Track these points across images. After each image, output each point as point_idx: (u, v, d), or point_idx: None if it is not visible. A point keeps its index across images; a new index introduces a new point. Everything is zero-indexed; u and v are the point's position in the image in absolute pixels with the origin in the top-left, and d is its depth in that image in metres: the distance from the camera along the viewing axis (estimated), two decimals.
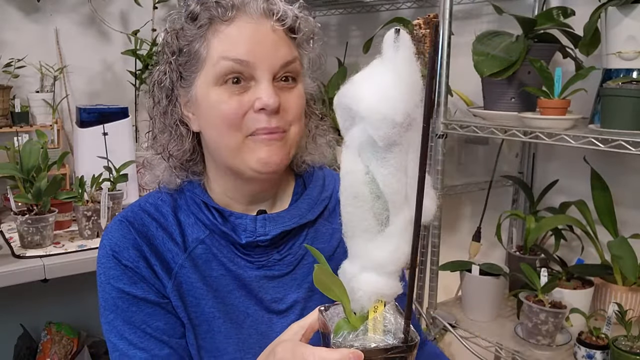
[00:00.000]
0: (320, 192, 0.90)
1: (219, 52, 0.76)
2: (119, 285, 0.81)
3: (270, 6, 0.78)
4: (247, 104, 0.76)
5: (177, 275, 0.82)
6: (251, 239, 0.82)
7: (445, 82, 1.50)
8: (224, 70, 0.76)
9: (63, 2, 2.28)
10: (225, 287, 0.83)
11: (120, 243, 0.82)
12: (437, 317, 1.57)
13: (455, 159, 1.94)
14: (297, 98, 0.80)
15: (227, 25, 0.76)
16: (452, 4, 1.46)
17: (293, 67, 0.79)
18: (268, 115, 0.76)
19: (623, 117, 1.20)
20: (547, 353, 1.33)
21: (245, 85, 0.76)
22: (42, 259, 1.62)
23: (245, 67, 0.75)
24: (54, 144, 2.16)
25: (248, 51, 0.75)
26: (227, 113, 0.76)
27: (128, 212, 0.86)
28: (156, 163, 0.86)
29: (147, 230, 0.83)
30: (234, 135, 0.77)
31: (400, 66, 0.54)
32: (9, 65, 2.09)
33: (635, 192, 1.51)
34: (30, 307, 2.11)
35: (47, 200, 1.69)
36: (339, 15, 2.43)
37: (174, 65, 0.80)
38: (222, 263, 0.83)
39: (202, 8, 0.77)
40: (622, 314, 1.24)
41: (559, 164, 1.70)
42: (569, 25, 1.45)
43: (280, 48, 0.77)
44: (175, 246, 0.83)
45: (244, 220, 0.82)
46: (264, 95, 0.75)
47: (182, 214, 0.86)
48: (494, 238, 1.70)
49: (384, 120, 0.52)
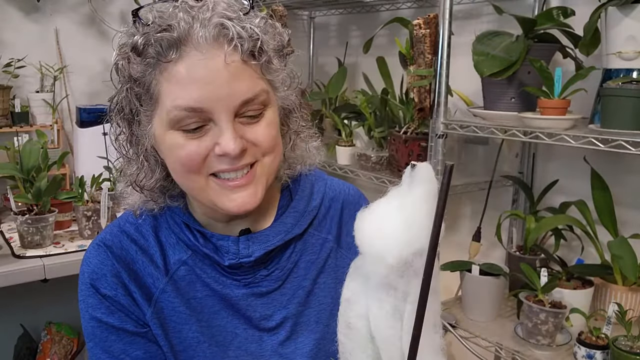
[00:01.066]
0: (308, 202, 0.85)
1: (170, 99, 0.68)
2: (97, 315, 0.78)
3: (223, 31, 0.66)
4: (206, 148, 0.69)
5: (157, 300, 0.79)
6: (234, 261, 0.78)
7: (445, 82, 1.50)
8: (177, 119, 0.68)
9: (63, 2, 2.28)
10: (210, 308, 0.80)
11: (98, 270, 0.79)
12: None
13: (455, 159, 1.94)
14: (267, 128, 0.72)
15: (174, 64, 0.67)
16: (452, 4, 1.46)
17: (258, 102, 0.70)
18: (231, 158, 0.69)
19: (623, 117, 1.20)
20: (547, 353, 1.33)
21: (204, 128, 0.69)
22: (42, 259, 1.62)
23: (199, 112, 0.67)
24: (54, 144, 2.16)
25: (200, 97, 0.66)
26: (185, 159, 0.70)
27: (107, 235, 0.82)
28: (129, 192, 0.81)
29: (126, 255, 0.80)
30: (195, 177, 0.71)
31: (408, 207, 0.50)
32: (9, 65, 2.09)
33: (635, 192, 1.51)
34: (30, 307, 2.11)
35: (47, 200, 1.69)
36: (339, 15, 2.43)
37: (131, 94, 0.72)
38: (207, 284, 0.80)
39: (144, 42, 0.67)
40: (622, 314, 1.24)
41: (559, 164, 1.69)
42: (569, 25, 1.45)
43: (237, 84, 0.67)
44: (156, 270, 0.80)
45: (226, 242, 0.78)
46: (223, 142, 0.68)
47: (163, 234, 0.81)
48: (494, 238, 1.70)
49: (377, 258, 0.50)
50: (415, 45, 1.60)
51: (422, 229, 0.48)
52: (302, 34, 2.60)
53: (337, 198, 0.90)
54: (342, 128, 2.11)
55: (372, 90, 2.07)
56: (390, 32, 2.07)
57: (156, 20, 0.67)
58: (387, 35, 2.14)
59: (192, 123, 0.68)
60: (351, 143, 2.12)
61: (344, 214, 0.89)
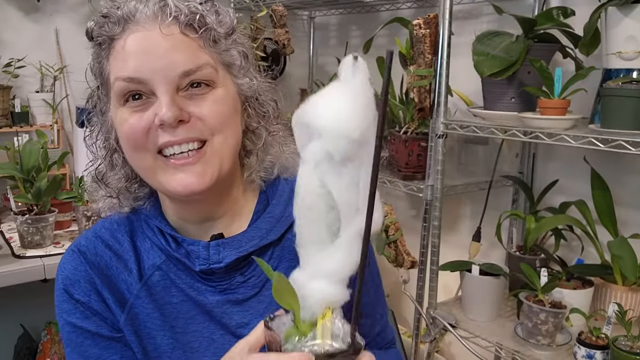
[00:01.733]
0: (285, 207, 0.82)
1: (114, 72, 0.70)
2: (72, 320, 0.78)
3: (163, 8, 0.69)
4: (147, 120, 0.69)
5: (132, 306, 0.78)
6: (205, 267, 0.76)
7: (445, 82, 1.50)
8: (118, 90, 0.70)
9: (63, 2, 2.28)
10: (186, 314, 0.78)
11: (72, 276, 0.78)
12: (437, 317, 1.56)
13: (455, 159, 1.94)
14: (214, 104, 0.71)
15: (119, 40, 0.70)
16: (452, 4, 1.46)
17: (200, 75, 0.70)
18: (170, 129, 0.69)
19: (623, 117, 1.20)
20: (547, 353, 1.33)
21: (147, 101, 0.70)
22: (42, 259, 1.62)
23: (139, 84, 0.69)
24: (54, 144, 2.16)
25: (137, 67, 0.68)
26: (128, 132, 0.70)
27: (82, 241, 0.81)
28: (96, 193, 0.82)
29: (100, 261, 0.79)
30: (142, 156, 0.71)
31: (357, 88, 0.56)
32: (9, 65, 2.09)
33: (635, 192, 1.51)
34: (30, 307, 2.11)
35: (47, 200, 1.70)
36: (339, 15, 2.43)
37: (97, 89, 0.76)
38: (181, 289, 0.78)
39: (95, 26, 0.71)
40: (622, 314, 1.24)
41: (559, 164, 1.70)
42: (569, 25, 1.45)
43: (176, 55, 0.68)
44: (130, 276, 0.79)
45: (197, 247, 0.77)
46: (159, 110, 0.68)
47: (139, 239, 0.81)
48: (494, 238, 1.70)
49: (341, 136, 0.56)
50: (415, 45, 1.60)
51: (371, 104, 0.57)
52: (302, 34, 2.60)
53: None
54: None
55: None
56: (390, 32, 2.07)
57: (107, 5, 0.71)
58: (387, 35, 2.14)
59: (132, 94, 0.69)
60: None
61: None
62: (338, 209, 0.58)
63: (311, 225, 0.60)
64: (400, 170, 1.76)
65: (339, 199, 0.58)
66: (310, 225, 0.60)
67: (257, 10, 2.14)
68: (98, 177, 0.79)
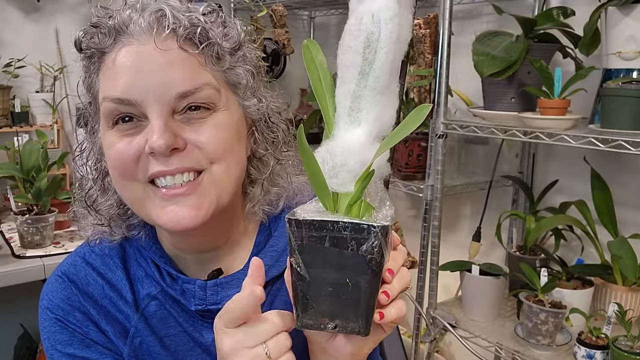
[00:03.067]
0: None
1: (102, 90, 0.62)
2: (70, 351, 0.70)
3: (160, 18, 0.60)
4: (137, 147, 0.61)
5: (134, 337, 0.71)
6: (202, 307, 0.69)
7: (445, 82, 1.50)
8: (107, 112, 0.62)
9: (63, 2, 2.28)
10: (185, 345, 0.72)
11: (64, 305, 0.71)
12: (437, 317, 1.57)
13: (455, 159, 1.94)
14: (215, 130, 0.62)
15: (109, 53, 0.62)
16: (452, 4, 1.46)
17: (199, 97, 0.61)
18: (162, 158, 0.61)
19: (623, 117, 1.20)
20: (547, 353, 1.33)
21: (138, 124, 0.62)
22: (42, 259, 1.62)
23: (129, 105, 0.60)
24: (54, 144, 2.16)
25: (127, 86, 0.60)
26: (115, 158, 0.62)
27: (70, 268, 0.73)
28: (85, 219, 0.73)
29: (93, 290, 0.72)
30: (130, 185, 0.63)
31: None
32: (9, 65, 2.09)
33: (635, 192, 1.51)
34: (30, 307, 2.10)
35: (47, 200, 1.69)
36: (339, 15, 2.43)
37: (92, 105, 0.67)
38: (179, 322, 0.72)
39: (84, 37, 0.63)
40: (622, 314, 1.24)
41: (559, 164, 1.69)
42: (569, 25, 1.45)
43: (172, 73, 0.60)
44: (126, 306, 0.72)
45: (193, 287, 0.69)
46: (150, 136, 0.59)
47: (132, 266, 0.73)
48: (494, 238, 1.70)
49: None
50: (415, 45, 1.60)
51: None
52: (302, 34, 2.60)
53: None
54: None
55: None
56: None
57: (99, 14, 0.63)
58: None
59: (121, 116, 0.61)
60: None
61: None
62: (402, 48, 0.53)
63: (390, 60, 0.52)
64: (400, 170, 1.76)
65: (402, 37, 0.53)
66: (389, 60, 0.52)
67: (257, 10, 2.14)
68: (88, 203, 0.71)
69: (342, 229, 0.51)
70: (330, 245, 0.52)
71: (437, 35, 1.51)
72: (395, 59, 0.53)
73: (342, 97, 0.54)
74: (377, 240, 0.51)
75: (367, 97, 0.52)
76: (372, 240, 0.51)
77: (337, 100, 0.54)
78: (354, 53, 0.53)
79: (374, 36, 0.51)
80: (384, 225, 0.51)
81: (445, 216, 1.63)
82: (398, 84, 0.55)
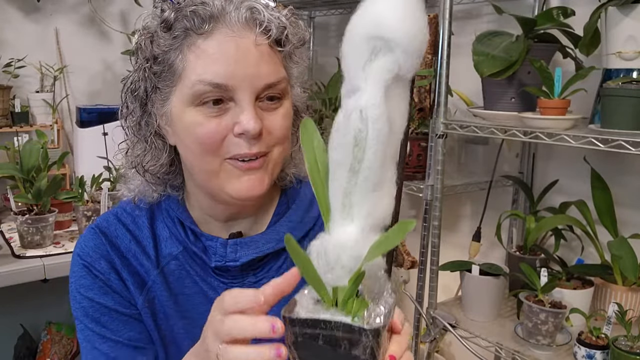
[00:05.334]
0: (306, 212, 0.83)
1: (196, 72, 0.69)
2: (90, 295, 0.78)
3: (254, 15, 0.69)
4: (225, 128, 0.69)
5: (149, 290, 0.79)
6: (220, 264, 0.77)
7: (445, 82, 1.50)
8: (200, 93, 0.69)
9: (63, 2, 2.28)
10: (198, 307, 0.79)
11: (92, 253, 0.79)
12: (437, 317, 1.56)
13: (455, 159, 1.94)
14: (283, 119, 0.73)
15: (205, 38, 0.69)
16: (452, 4, 1.46)
17: (279, 89, 0.72)
18: (248, 140, 0.69)
19: (623, 117, 1.20)
20: (547, 353, 1.33)
21: (224, 107, 0.70)
22: (42, 259, 1.62)
23: (224, 90, 0.68)
24: (54, 144, 2.16)
25: (227, 73, 0.68)
26: (204, 137, 0.70)
27: (103, 222, 0.83)
28: (131, 176, 0.81)
29: (120, 243, 0.80)
30: (210, 159, 0.71)
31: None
32: (9, 65, 2.10)
33: (635, 192, 1.51)
34: (30, 307, 2.11)
35: (47, 200, 1.70)
36: (339, 15, 2.43)
37: (149, 73, 0.73)
38: (195, 282, 0.80)
39: (176, 16, 0.70)
40: (622, 314, 1.24)
41: (559, 164, 1.70)
42: (569, 25, 1.45)
43: (263, 66, 0.69)
44: (148, 261, 0.80)
45: (215, 243, 0.78)
46: (244, 120, 0.68)
47: (159, 227, 0.82)
48: (494, 238, 1.70)
49: (415, 51, 0.49)
50: None
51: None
52: None
53: None
54: None
55: None
56: None
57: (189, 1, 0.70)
58: None
59: (213, 99, 0.69)
60: None
61: None
62: (394, 139, 0.52)
63: (374, 158, 0.51)
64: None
65: (397, 128, 0.52)
66: (373, 158, 0.51)
67: None
68: (140, 164, 0.79)
69: (334, 328, 0.52)
70: (323, 343, 0.52)
71: (437, 35, 1.51)
72: (388, 152, 0.52)
73: (334, 192, 0.54)
74: (369, 342, 0.51)
75: (358, 194, 0.53)
76: (364, 341, 0.51)
77: (330, 193, 0.54)
78: (343, 150, 0.52)
79: (362, 134, 0.51)
80: (374, 328, 0.51)
81: (445, 216, 1.63)
82: (394, 171, 0.55)
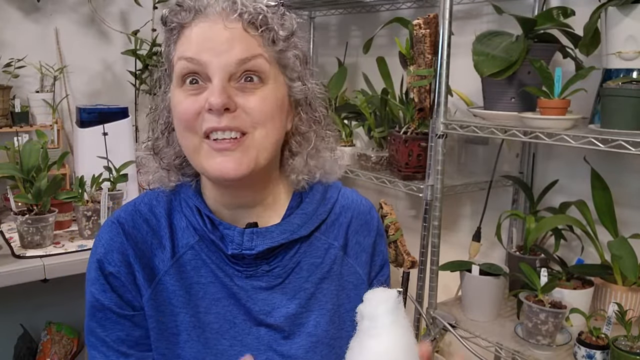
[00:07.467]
0: (318, 206, 0.87)
1: (178, 53, 0.77)
2: (92, 289, 0.82)
3: (231, 4, 0.76)
4: (199, 104, 0.75)
5: (159, 282, 0.82)
6: (237, 252, 0.80)
7: (445, 82, 1.50)
8: (179, 70, 0.76)
9: (63, 2, 2.28)
10: (212, 295, 0.82)
11: (107, 245, 0.82)
12: (437, 317, 1.57)
13: (455, 159, 1.94)
14: (262, 101, 0.75)
15: (188, 28, 0.76)
16: (452, 4, 1.46)
17: (254, 65, 0.75)
18: (217, 114, 0.73)
19: (623, 117, 1.21)
20: (547, 353, 1.33)
21: (202, 86, 0.75)
22: (42, 259, 1.62)
23: (197, 65, 0.74)
24: (54, 144, 2.16)
25: (199, 49, 0.74)
26: (182, 114, 0.76)
27: (121, 213, 0.86)
28: (149, 164, 0.87)
29: (137, 234, 0.83)
30: (190, 137, 0.76)
31: (406, 333, 0.61)
32: (9, 65, 2.10)
33: (635, 192, 1.51)
34: (30, 307, 2.11)
35: (47, 200, 1.69)
36: (339, 15, 2.43)
37: (163, 69, 0.82)
38: (211, 270, 0.82)
39: (169, 13, 0.78)
40: (622, 314, 1.24)
41: (559, 164, 1.70)
42: (569, 25, 1.45)
43: (234, 45, 0.74)
44: (163, 252, 0.83)
45: (232, 232, 0.81)
46: (210, 95, 0.73)
47: (176, 217, 0.85)
48: (494, 238, 1.70)
49: None
50: (415, 45, 1.60)
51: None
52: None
53: (348, 207, 0.91)
54: (342, 128, 2.11)
55: (372, 90, 2.07)
56: (390, 32, 2.07)
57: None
58: (387, 35, 2.14)
59: (190, 76, 0.75)
60: (351, 143, 2.12)
61: (353, 223, 0.90)
62: None
63: None
64: (400, 170, 1.76)
65: None
66: None
67: None
68: (155, 151, 0.85)
69: None
70: None
71: (437, 35, 1.51)
72: None
73: None
74: None
75: None
76: None
77: None
78: None
79: None
80: None
81: (445, 216, 1.63)
82: None
